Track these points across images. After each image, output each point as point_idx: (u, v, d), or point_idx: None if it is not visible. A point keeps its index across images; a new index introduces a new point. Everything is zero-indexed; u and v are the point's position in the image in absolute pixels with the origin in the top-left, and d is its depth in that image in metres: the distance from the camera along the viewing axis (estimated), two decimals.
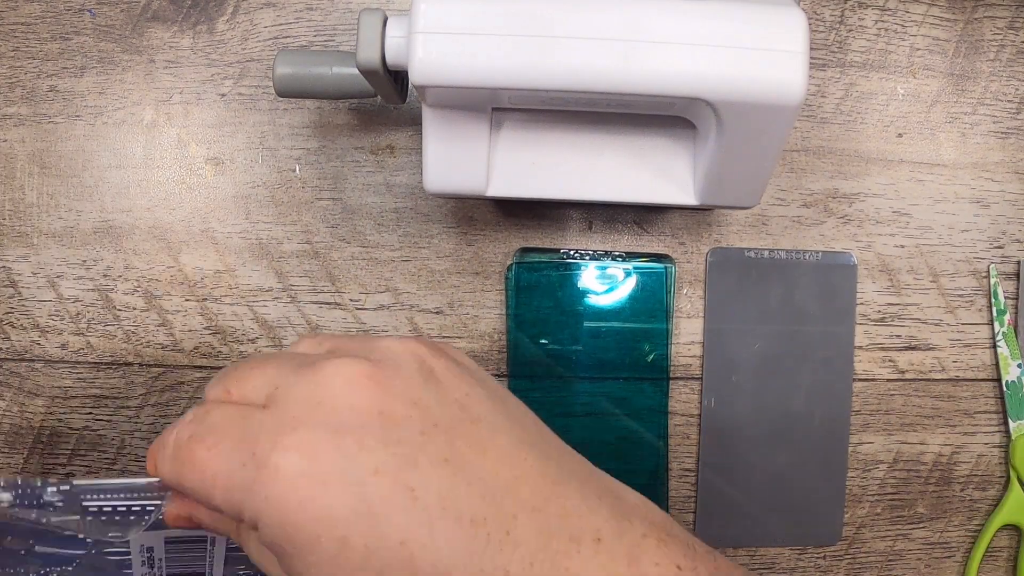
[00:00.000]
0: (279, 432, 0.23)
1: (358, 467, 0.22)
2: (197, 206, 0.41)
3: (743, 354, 0.42)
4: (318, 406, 0.23)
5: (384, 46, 0.31)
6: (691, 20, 0.29)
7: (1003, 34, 0.43)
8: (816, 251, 0.42)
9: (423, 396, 0.24)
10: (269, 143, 0.41)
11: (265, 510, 0.22)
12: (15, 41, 0.41)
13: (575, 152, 0.36)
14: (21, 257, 0.41)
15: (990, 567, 0.44)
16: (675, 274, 0.42)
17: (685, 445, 0.42)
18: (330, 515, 0.22)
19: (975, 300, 0.43)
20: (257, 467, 0.22)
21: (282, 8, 0.41)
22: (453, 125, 0.34)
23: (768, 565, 0.43)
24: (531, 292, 0.41)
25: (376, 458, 0.23)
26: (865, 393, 0.43)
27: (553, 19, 0.29)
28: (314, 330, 0.41)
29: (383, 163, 0.41)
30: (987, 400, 0.43)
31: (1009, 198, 0.43)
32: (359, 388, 0.24)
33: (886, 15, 0.42)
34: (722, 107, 0.30)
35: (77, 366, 0.41)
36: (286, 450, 0.22)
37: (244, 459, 0.23)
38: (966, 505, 0.44)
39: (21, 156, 0.41)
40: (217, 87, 0.41)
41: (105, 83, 0.41)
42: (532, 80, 0.29)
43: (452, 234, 0.42)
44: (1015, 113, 0.43)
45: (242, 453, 0.23)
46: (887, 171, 0.42)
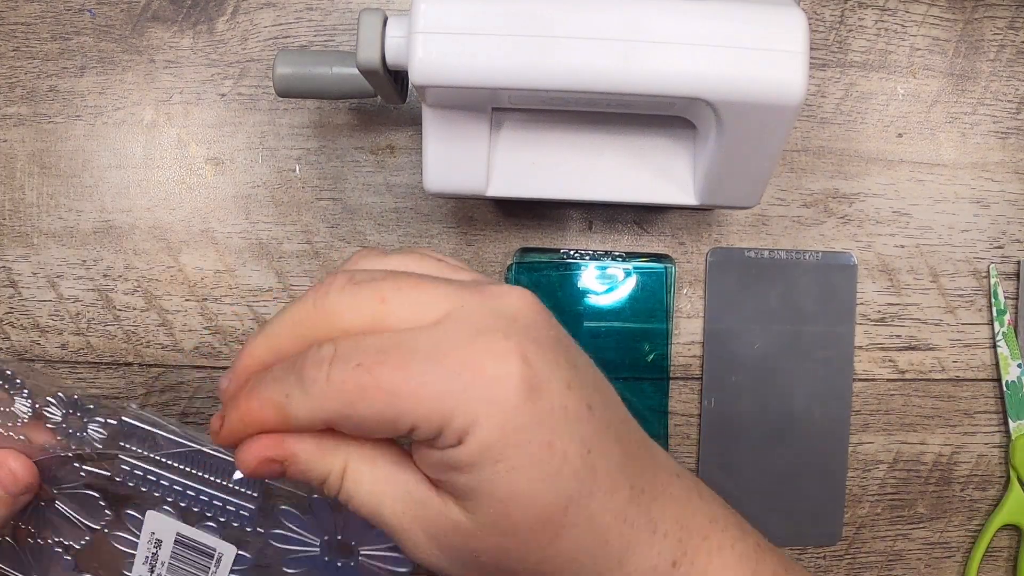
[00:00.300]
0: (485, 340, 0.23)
1: (558, 379, 0.24)
2: (197, 206, 0.41)
3: (743, 354, 0.42)
4: (513, 320, 0.24)
5: (384, 46, 0.31)
6: (691, 20, 0.29)
7: (1003, 34, 0.43)
8: (816, 251, 0.42)
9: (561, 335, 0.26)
10: (269, 143, 0.41)
11: (486, 412, 0.23)
12: (15, 41, 0.41)
13: (575, 152, 0.36)
14: (21, 257, 0.41)
15: (990, 567, 0.44)
16: (675, 274, 0.42)
17: (685, 445, 0.42)
18: (544, 419, 0.23)
19: (975, 300, 0.43)
20: (476, 374, 0.23)
21: (282, 8, 0.41)
22: (453, 125, 0.34)
23: None
24: None
25: (566, 373, 0.24)
26: (865, 393, 0.43)
27: (553, 19, 0.29)
28: None
29: (383, 163, 0.41)
30: (987, 400, 0.43)
31: (1009, 198, 0.43)
32: (539, 311, 0.25)
33: (886, 15, 0.42)
34: (722, 107, 0.30)
35: (77, 366, 0.41)
36: (505, 356, 0.23)
37: (457, 369, 0.23)
38: (966, 505, 0.44)
39: (21, 156, 0.41)
40: (217, 87, 0.41)
41: (105, 83, 0.41)
42: (532, 80, 0.29)
43: (452, 234, 0.42)
44: (1015, 113, 0.43)
45: (450, 364, 0.23)
46: (887, 171, 0.42)
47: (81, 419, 0.33)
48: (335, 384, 0.23)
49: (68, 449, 0.34)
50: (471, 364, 0.23)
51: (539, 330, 0.25)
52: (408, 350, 0.23)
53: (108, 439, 0.33)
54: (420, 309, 0.24)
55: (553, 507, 0.24)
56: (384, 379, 0.23)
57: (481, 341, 0.23)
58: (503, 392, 0.23)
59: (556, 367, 0.24)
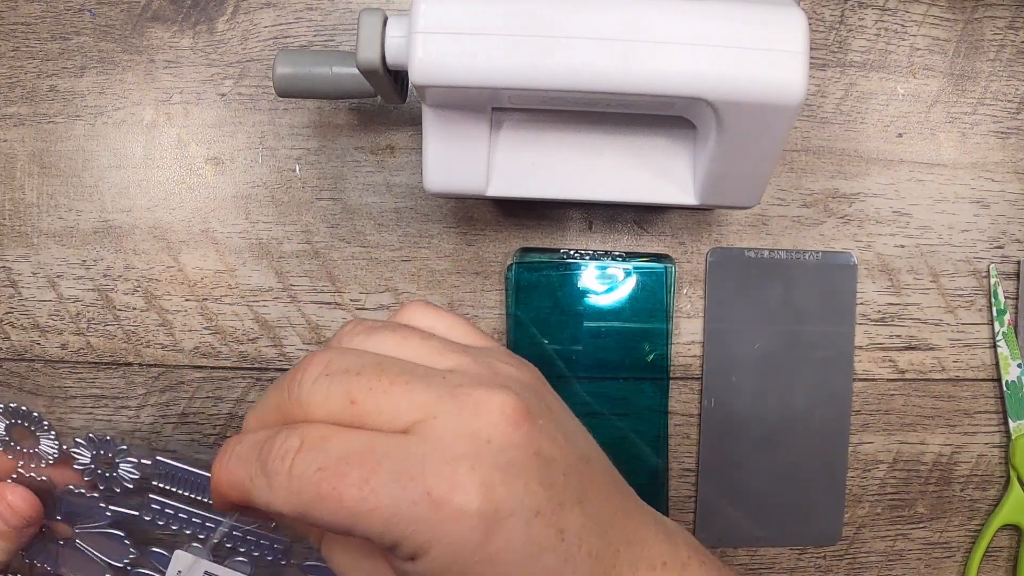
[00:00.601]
0: (451, 469, 0.23)
1: (525, 509, 0.23)
2: (197, 206, 0.41)
3: (743, 354, 0.42)
4: (486, 443, 0.23)
5: (384, 46, 0.31)
6: (691, 20, 0.29)
7: (1003, 34, 0.43)
8: (816, 251, 0.42)
9: (556, 435, 0.25)
10: (269, 143, 0.41)
11: (440, 544, 0.22)
12: (15, 41, 0.41)
13: (575, 152, 0.36)
14: (21, 257, 0.41)
15: (990, 567, 0.44)
16: (675, 274, 0.42)
17: (685, 445, 0.42)
18: (501, 557, 0.23)
19: (975, 300, 0.43)
20: (433, 506, 0.22)
21: (282, 8, 0.41)
22: (453, 125, 0.34)
23: (768, 565, 0.43)
24: (531, 292, 0.41)
25: (537, 501, 0.23)
26: (865, 393, 0.43)
27: (553, 19, 0.29)
28: (314, 330, 0.41)
29: (383, 163, 0.41)
30: (987, 400, 0.43)
31: (1009, 198, 0.43)
32: (518, 426, 0.24)
33: (886, 15, 0.42)
34: (722, 107, 0.30)
35: (77, 366, 0.41)
36: (466, 491, 0.22)
37: (415, 497, 0.22)
38: (966, 505, 0.44)
39: (21, 156, 0.41)
40: (217, 87, 0.41)
41: (105, 83, 0.41)
42: (532, 80, 0.29)
43: (452, 234, 0.42)
44: (1015, 113, 0.43)
45: (410, 491, 0.22)
46: (887, 171, 0.42)
47: (112, 459, 0.33)
48: (295, 483, 0.23)
49: (95, 489, 0.33)
50: (431, 495, 0.22)
51: (515, 450, 0.24)
52: (371, 463, 0.23)
53: (139, 479, 0.33)
54: (391, 415, 0.24)
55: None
56: (344, 494, 0.23)
57: (446, 470, 0.23)
58: (459, 530, 0.22)
59: (525, 495, 0.23)
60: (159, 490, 0.34)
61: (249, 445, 0.25)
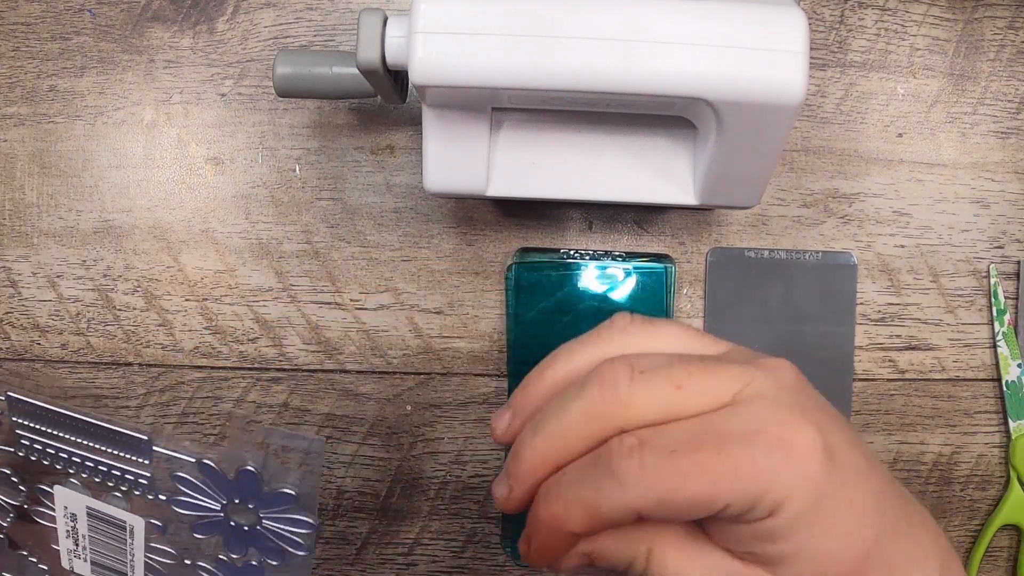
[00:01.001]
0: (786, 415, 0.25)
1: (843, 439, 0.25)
2: (197, 206, 0.41)
3: None
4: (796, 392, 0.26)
5: (384, 46, 0.31)
6: (691, 20, 0.29)
7: (1003, 34, 0.43)
8: (816, 251, 0.42)
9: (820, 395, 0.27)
10: (269, 143, 0.41)
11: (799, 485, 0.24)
12: (15, 41, 0.41)
13: (575, 152, 0.36)
14: (21, 257, 0.41)
15: (990, 567, 0.44)
16: (675, 274, 0.42)
17: None
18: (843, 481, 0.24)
19: (975, 300, 0.43)
20: (787, 450, 0.24)
21: (282, 8, 0.41)
22: (453, 125, 0.34)
23: None
24: (531, 292, 0.41)
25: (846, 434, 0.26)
26: (865, 393, 0.43)
27: (553, 19, 0.29)
28: (314, 330, 0.41)
29: (383, 163, 0.41)
30: (987, 400, 0.43)
31: (1009, 198, 0.43)
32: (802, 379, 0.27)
33: (886, 15, 0.42)
34: (722, 107, 0.30)
35: (77, 366, 0.41)
36: (806, 430, 0.24)
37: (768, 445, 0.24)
38: (966, 505, 0.44)
39: (21, 156, 0.41)
40: (217, 87, 0.41)
41: (105, 83, 0.41)
42: (532, 80, 0.29)
43: (452, 234, 0.42)
44: (1015, 113, 0.43)
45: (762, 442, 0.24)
46: (887, 171, 0.42)
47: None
48: (651, 472, 0.24)
49: None
50: (780, 441, 0.24)
51: (813, 397, 0.26)
52: (718, 433, 0.24)
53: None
54: (713, 393, 0.25)
55: (858, 558, 0.25)
56: (705, 463, 0.24)
57: (782, 416, 0.24)
58: (811, 465, 0.24)
59: (838, 430, 0.25)
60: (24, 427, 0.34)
61: (576, 467, 0.25)
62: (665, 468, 0.24)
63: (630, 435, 0.25)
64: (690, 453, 0.24)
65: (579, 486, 0.25)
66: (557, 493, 0.25)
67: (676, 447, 0.24)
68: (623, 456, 0.24)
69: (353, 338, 0.41)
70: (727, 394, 0.25)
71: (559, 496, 0.25)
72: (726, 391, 0.25)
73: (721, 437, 0.24)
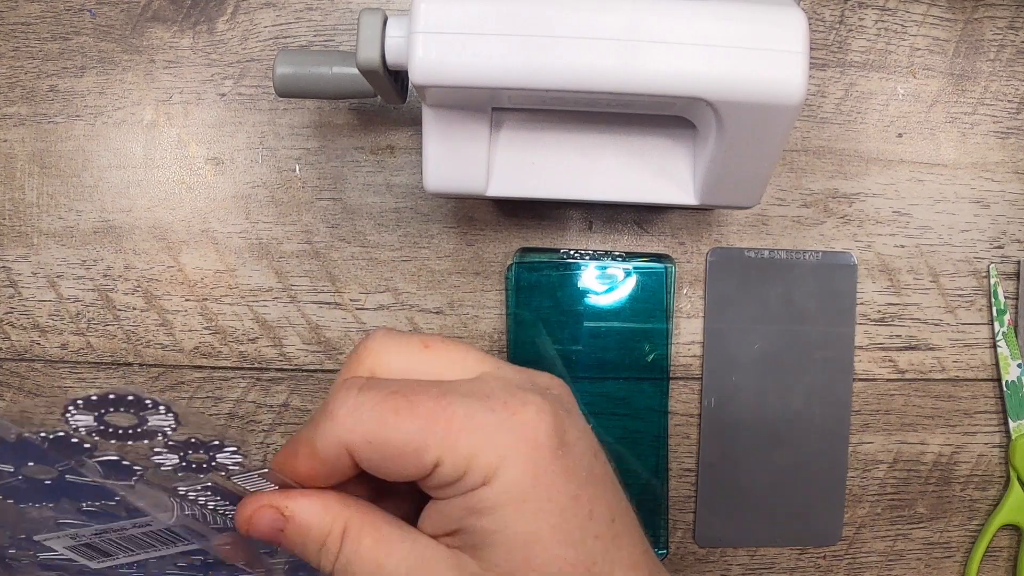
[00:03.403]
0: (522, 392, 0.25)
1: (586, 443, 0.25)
2: (197, 206, 0.41)
3: (743, 354, 0.42)
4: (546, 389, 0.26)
5: (384, 46, 0.31)
6: (691, 20, 0.29)
7: (1003, 34, 0.43)
8: (816, 251, 0.42)
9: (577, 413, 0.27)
10: (269, 143, 0.41)
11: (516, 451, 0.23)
12: (15, 41, 0.41)
13: (575, 152, 0.36)
14: (21, 257, 0.41)
15: (990, 567, 0.44)
16: (675, 274, 0.42)
17: (685, 445, 0.42)
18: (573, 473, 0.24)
19: (975, 300, 0.43)
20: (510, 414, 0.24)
21: (282, 8, 0.41)
22: (453, 125, 0.34)
23: (768, 565, 0.43)
24: (531, 292, 0.41)
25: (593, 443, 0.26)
26: (865, 393, 0.43)
27: (553, 19, 0.29)
28: (314, 330, 0.41)
29: (383, 163, 0.41)
30: (987, 400, 0.43)
31: (1009, 198, 0.43)
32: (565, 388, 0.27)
33: (886, 15, 0.42)
34: (722, 107, 0.30)
35: (77, 366, 0.41)
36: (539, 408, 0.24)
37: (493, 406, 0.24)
38: (966, 505, 0.44)
39: (21, 156, 0.41)
40: (217, 87, 0.41)
41: (105, 83, 0.41)
42: (532, 80, 0.29)
43: (452, 234, 0.42)
44: (1015, 113, 0.43)
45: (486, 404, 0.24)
46: (887, 171, 0.42)
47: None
48: (366, 408, 0.23)
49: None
50: (506, 405, 0.24)
51: (569, 403, 0.26)
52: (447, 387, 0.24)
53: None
54: (460, 364, 0.25)
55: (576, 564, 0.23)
56: (419, 404, 0.23)
57: (518, 393, 0.24)
58: (535, 435, 0.23)
59: (583, 434, 0.25)
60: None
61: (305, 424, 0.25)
62: (379, 405, 0.23)
63: (357, 377, 0.24)
64: (408, 395, 0.23)
65: (306, 425, 0.25)
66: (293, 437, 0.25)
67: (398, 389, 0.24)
68: (340, 391, 0.24)
69: (353, 338, 0.41)
70: (474, 370, 0.25)
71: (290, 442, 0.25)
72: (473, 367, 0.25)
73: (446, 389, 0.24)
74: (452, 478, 0.23)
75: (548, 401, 0.24)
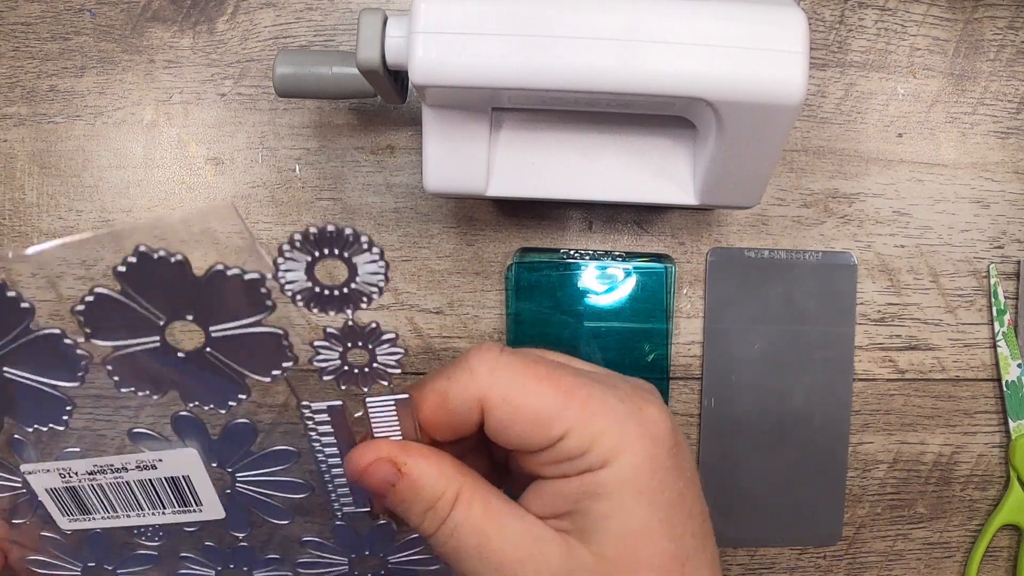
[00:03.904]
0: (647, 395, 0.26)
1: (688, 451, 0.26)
2: (197, 206, 0.41)
3: (743, 354, 0.42)
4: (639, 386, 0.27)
5: (384, 46, 0.31)
6: (691, 20, 0.29)
7: (1003, 34, 0.43)
8: (816, 251, 0.42)
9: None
10: (269, 143, 0.41)
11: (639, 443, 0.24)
12: (15, 41, 0.41)
13: (575, 152, 0.36)
14: (21, 257, 0.41)
15: (990, 567, 0.44)
16: (675, 274, 0.42)
17: None
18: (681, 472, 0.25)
19: (975, 300, 0.43)
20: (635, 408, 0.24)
21: (282, 8, 0.41)
22: (453, 125, 0.34)
23: (768, 565, 0.43)
24: (531, 292, 0.41)
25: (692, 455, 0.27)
26: (865, 393, 0.43)
27: (553, 19, 0.29)
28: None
29: (383, 163, 0.41)
30: (987, 400, 0.43)
31: (1009, 198, 0.43)
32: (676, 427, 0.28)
33: (886, 15, 0.42)
34: (722, 107, 0.30)
35: None
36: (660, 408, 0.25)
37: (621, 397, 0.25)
38: (966, 505, 0.44)
39: (21, 156, 0.41)
40: (217, 87, 0.41)
41: (105, 83, 0.41)
42: (532, 80, 0.29)
43: (452, 234, 0.42)
44: (1015, 113, 0.43)
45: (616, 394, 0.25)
46: (887, 171, 0.42)
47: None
48: (505, 366, 0.24)
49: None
50: (636, 400, 0.25)
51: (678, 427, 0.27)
52: (578, 370, 0.25)
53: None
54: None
55: (675, 558, 0.24)
56: (560, 377, 0.24)
57: (640, 392, 0.25)
58: (658, 432, 0.24)
59: (686, 439, 0.26)
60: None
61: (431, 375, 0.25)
62: (522, 369, 0.24)
63: (494, 343, 0.25)
64: (549, 366, 0.24)
65: (437, 377, 0.25)
66: (419, 385, 0.25)
67: (539, 358, 0.24)
68: (479, 349, 0.24)
69: None
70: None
71: (420, 387, 0.25)
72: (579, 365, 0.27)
73: (578, 371, 0.25)
74: (575, 453, 0.23)
75: (664, 406, 0.26)
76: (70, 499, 0.29)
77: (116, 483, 0.29)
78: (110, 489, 0.29)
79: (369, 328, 0.23)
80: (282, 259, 0.22)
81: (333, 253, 0.22)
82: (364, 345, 0.24)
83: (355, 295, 0.23)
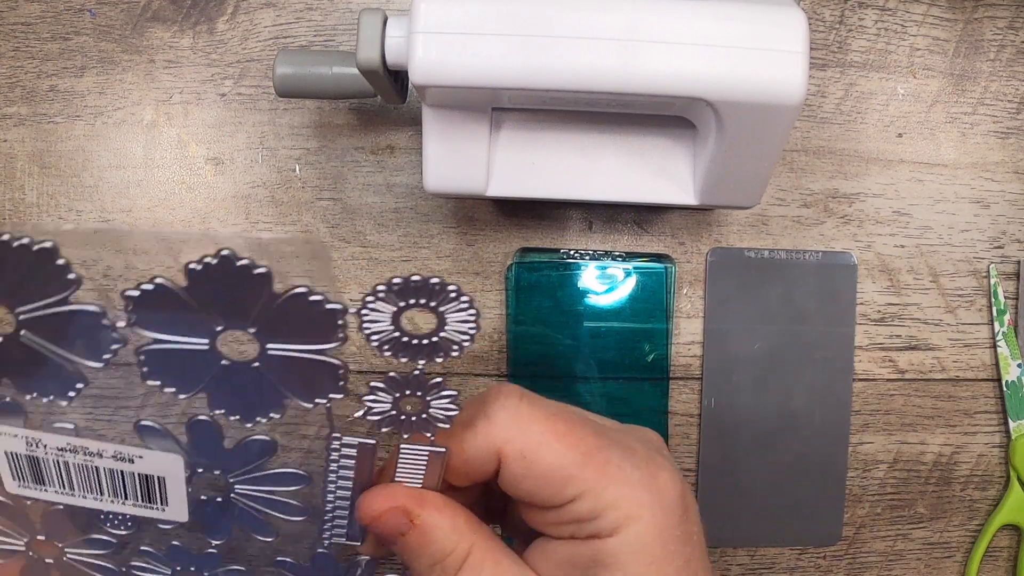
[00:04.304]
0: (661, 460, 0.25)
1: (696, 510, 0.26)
2: (197, 206, 0.41)
3: (743, 354, 0.42)
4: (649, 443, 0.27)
5: (384, 46, 0.31)
6: (691, 20, 0.29)
7: (1003, 34, 0.43)
8: (816, 251, 0.42)
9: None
10: (269, 143, 0.41)
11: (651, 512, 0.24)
12: (15, 41, 0.41)
13: (575, 152, 0.36)
14: None
15: (990, 567, 0.44)
16: (675, 274, 0.42)
17: (685, 445, 0.42)
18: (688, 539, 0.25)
19: (975, 300, 0.43)
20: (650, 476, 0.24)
21: (282, 8, 0.41)
22: (453, 125, 0.34)
23: (768, 565, 0.43)
24: (531, 292, 0.41)
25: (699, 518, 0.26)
26: (865, 393, 0.43)
27: (553, 19, 0.29)
28: None
29: (383, 163, 0.41)
30: (987, 400, 0.43)
31: (1009, 198, 0.43)
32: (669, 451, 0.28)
33: (886, 15, 0.42)
34: (722, 107, 0.30)
35: None
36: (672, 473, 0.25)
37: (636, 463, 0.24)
38: (966, 505, 0.44)
39: (21, 156, 0.41)
40: (217, 87, 0.41)
41: (105, 83, 0.41)
42: (532, 80, 0.29)
43: (452, 234, 0.42)
44: (1015, 113, 0.43)
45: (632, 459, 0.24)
46: (887, 171, 0.42)
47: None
48: (525, 417, 0.24)
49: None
50: (648, 467, 0.24)
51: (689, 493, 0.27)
52: (600, 428, 0.25)
53: None
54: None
55: None
56: (582, 438, 0.24)
57: (654, 456, 0.25)
58: (668, 501, 0.24)
59: (694, 501, 0.26)
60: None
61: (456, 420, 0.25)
62: (543, 423, 0.23)
63: (514, 385, 0.24)
64: (569, 423, 0.24)
65: (456, 425, 0.24)
66: (439, 434, 0.25)
67: (557, 412, 0.24)
68: (502, 396, 0.24)
69: (353, 338, 0.41)
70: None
71: (439, 436, 0.24)
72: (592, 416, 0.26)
73: (599, 430, 0.24)
74: (585, 516, 0.23)
75: (675, 467, 0.25)
76: (27, 466, 0.29)
77: (84, 465, 0.29)
78: (75, 469, 0.29)
79: (432, 382, 0.23)
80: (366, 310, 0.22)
81: (419, 303, 0.23)
82: (422, 395, 0.24)
83: (445, 344, 0.23)
